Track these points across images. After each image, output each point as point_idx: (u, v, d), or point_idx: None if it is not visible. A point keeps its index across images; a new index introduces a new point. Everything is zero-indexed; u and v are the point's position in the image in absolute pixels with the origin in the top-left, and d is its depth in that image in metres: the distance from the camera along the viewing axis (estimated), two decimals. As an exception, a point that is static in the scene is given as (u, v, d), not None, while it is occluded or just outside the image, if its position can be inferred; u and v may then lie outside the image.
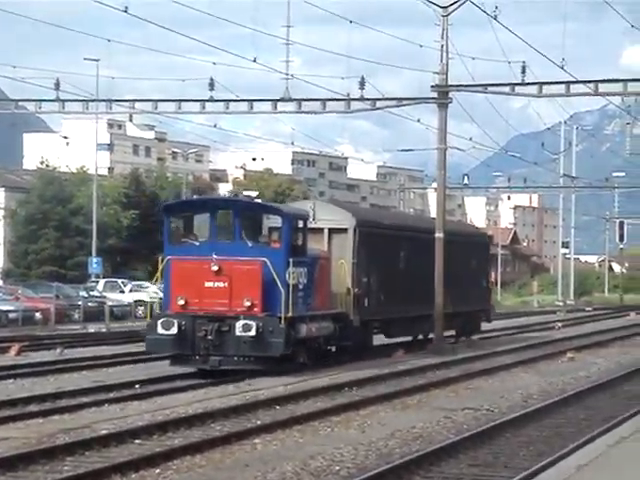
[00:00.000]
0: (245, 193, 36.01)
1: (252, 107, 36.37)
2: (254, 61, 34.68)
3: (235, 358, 24.33)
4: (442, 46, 32.86)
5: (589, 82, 33.96)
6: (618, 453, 11.75)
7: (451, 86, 33.75)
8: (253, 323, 23.82)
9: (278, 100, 35.66)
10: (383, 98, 35.75)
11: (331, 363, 27.50)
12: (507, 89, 34.19)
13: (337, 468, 13.93)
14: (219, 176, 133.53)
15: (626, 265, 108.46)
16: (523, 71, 33.05)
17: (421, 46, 35.69)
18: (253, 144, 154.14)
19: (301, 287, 25.51)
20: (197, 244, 25.58)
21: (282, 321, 24.17)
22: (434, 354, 31.27)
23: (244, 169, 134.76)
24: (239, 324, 23.86)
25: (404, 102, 36.13)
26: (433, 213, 41.22)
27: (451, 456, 14.82)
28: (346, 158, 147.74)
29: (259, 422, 17.72)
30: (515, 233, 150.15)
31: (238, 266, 24.44)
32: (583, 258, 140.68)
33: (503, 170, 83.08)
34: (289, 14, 34.22)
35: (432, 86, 33.75)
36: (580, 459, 11.55)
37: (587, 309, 74.31)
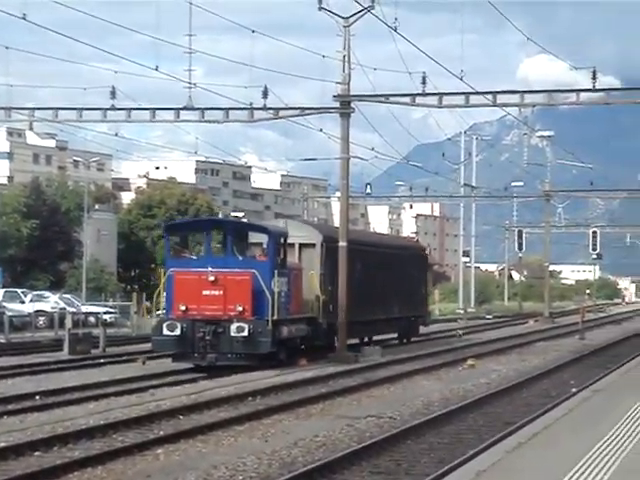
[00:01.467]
0: (232, 214, 40.56)
1: (154, 115, 36.12)
2: (156, 69, 34.43)
3: (229, 355, 28.23)
4: (344, 56, 33.07)
5: (487, 93, 34.51)
6: (516, 459, 11.97)
7: (353, 96, 33.99)
8: (246, 325, 27.90)
9: (181, 109, 35.49)
10: (286, 107, 35.84)
11: (237, 370, 27.98)
12: (408, 99, 34.53)
13: (240, 478, 13.93)
14: (121, 185, 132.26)
15: (525, 273, 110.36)
16: (423, 82, 33.42)
17: (324, 56, 35.85)
18: (156, 153, 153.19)
19: (283, 295, 29.71)
20: (195, 258, 30.43)
21: (269, 324, 28.27)
22: (337, 362, 31.42)
23: (147, 178, 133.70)
24: (234, 326, 27.91)
25: (307, 112, 36.26)
26: (336, 222, 41.39)
27: (353, 464, 14.91)
28: (250, 167, 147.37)
29: (162, 432, 17.61)
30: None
31: (231, 277, 28.57)
32: (483, 267, 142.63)
33: (405, 179, 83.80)
34: (191, 23, 34.10)
35: (334, 96, 33.95)
36: (479, 465, 11.72)
37: (487, 317, 75.38)
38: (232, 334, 28.00)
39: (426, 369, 30.21)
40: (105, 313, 51.41)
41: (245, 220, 36.66)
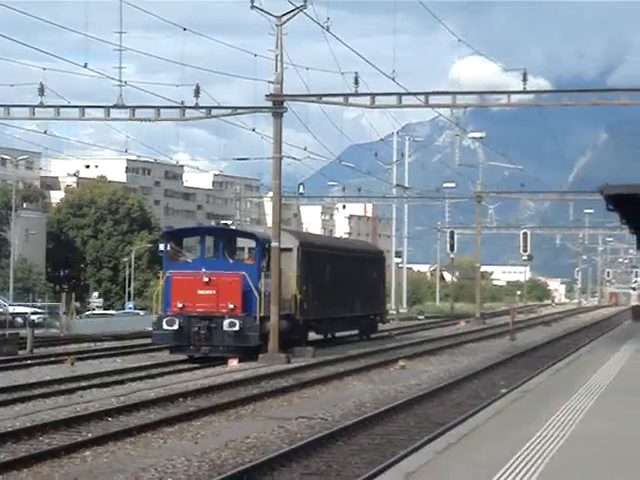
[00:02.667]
0: (222, 222, 45.23)
1: (84, 114, 35.71)
2: (85, 67, 33.99)
3: (221, 348, 31.68)
4: (277, 56, 32.97)
5: (420, 94, 34.64)
6: (445, 459, 11.97)
7: (286, 96, 33.91)
8: (237, 321, 31.46)
9: (111, 107, 35.12)
10: (218, 106, 35.65)
11: (171, 371, 28.50)
12: (341, 99, 34.55)
13: (169, 480, 13.78)
14: (51, 183, 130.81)
15: (457, 274, 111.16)
16: (356, 82, 33.45)
17: (255, 55, 35.73)
18: (87, 151, 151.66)
19: (267, 294, 33.03)
20: (190, 261, 33.61)
21: (257, 319, 32.14)
22: (268, 363, 31.33)
23: (77, 176, 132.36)
24: (226, 322, 31.44)
25: (239, 111, 36.11)
26: (269, 222, 41.35)
27: (284, 465, 14.84)
28: (182, 166, 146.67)
29: (90, 435, 17.38)
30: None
31: (223, 278, 32.01)
32: (416, 267, 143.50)
33: (338, 180, 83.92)
34: (121, 20, 33.75)
35: (267, 95, 33.84)
36: (409, 466, 11.69)
37: (419, 318, 75.79)
38: (224, 329, 31.52)
39: (357, 370, 30.23)
40: (33, 313, 50.72)
41: (234, 227, 40.61)
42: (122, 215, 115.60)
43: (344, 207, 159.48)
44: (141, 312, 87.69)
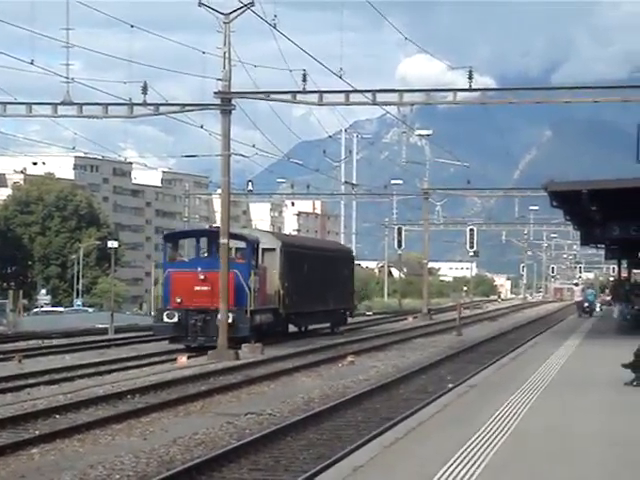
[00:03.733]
0: (214, 225, 47.60)
1: (31, 110, 35.48)
2: (31, 63, 33.76)
3: (215, 338, 33.51)
4: (225, 53, 32.97)
5: (367, 91, 34.82)
6: (392, 454, 12.14)
7: (234, 93, 33.93)
8: (230, 314, 33.85)
9: (58, 104, 34.93)
10: (166, 104, 35.60)
11: (119, 368, 28.40)
12: (289, 97, 34.65)
13: (117, 477, 13.82)
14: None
15: (404, 270, 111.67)
16: (304, 79, 33.57)
17: (204, 52, 35.71)
18: (34, 148, 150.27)
19: (256, 290, 36.50)
20: (187, 260, 37.96)
21: (247, 313, 35.35)
22: (217, 359, 31.38)
23: (24, 173, 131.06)
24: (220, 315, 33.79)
25: (187, 108, 36.10)
26: (218, 219, 41.43)
27: (232, 461, 14.93)
28: (130, 163, 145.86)
29: (37, 432, 17.35)
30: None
31: (217, 276, 34.17)
32: (364, 264, 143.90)
33: (287, 177, 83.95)
34: (68, 16, 33.57)
35: (215, 92, 33.85)
36: (357, 460, 11.84)
37: (368, 313, 76.09)
38: (218, 321, 33.88)
39: (306, 366, 30.37)
40: (-20, 311, 50.31)
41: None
42: (70, 212, 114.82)
43: (293, 204, 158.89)
44: (90, 309, 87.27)
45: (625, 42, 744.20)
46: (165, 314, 35.16)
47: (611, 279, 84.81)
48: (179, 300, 35.31)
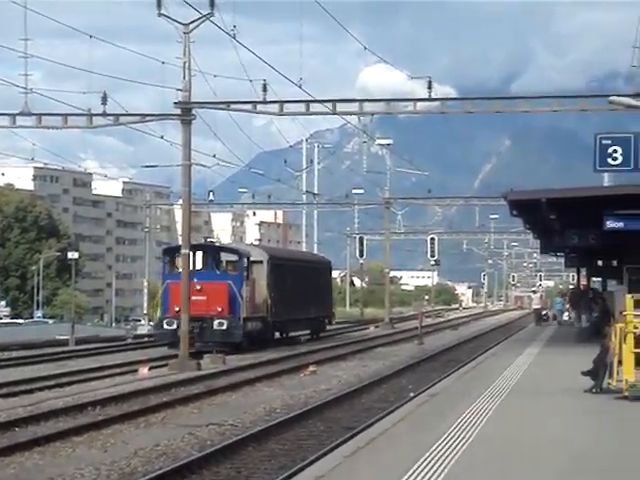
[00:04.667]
0: (209, 240, 50.29)
1: (-11, 121, 35.24)
2: (-10, 74, 33.51)
3: (211, 343, 37.13)
4: (184, 63, 32.91)
5: (327, 101, 34.91)
6: (354, 463, 12.16)
7: (194, 103, 33.88)
8: (225, 321, 37.87)
9: (17, 114, 34.73)
10: (126, 114, 35.49)
11: (80, 380, 28.19)
12: (249, 107, 34.66)
13: (78, 489, 13.73)
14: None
15: (366, 279, 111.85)
16: (264, 89, 33.60)
17: (163, 63, 35.64)
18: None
19: (247, 299, 39.67)
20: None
21: (240, 320, 38.65)
22: (179, 370, 31.27)
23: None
24: (216, 322, 37.81)
25: (147, 118, 36.01)
26: (180, 229, 41.43)
27: (194, 472, 14.89)
28: (90, 174, 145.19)
29: (-4, 446, 17.19)
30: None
31: (212, 286, 38.17)
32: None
33: (248, 187, 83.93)
34: (26, 27, 33.38)
35: (175, 103, 33.79)
36: (318, 470, 11.85)
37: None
38: (214, 328, 37.81)
39: (268, 376, 30.31)
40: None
41: (218, 244, 48.00)
42: (30, 223, 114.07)
43: (254, 214, 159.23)
44: (50, 321, 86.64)
45: (581, 52, 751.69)
46: (165, 322, 38.03)
47: (571, 287, 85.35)
48: (177, 309, 36.44)
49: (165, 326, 37.92)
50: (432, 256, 78.93)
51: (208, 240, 50.78)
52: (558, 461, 12.08)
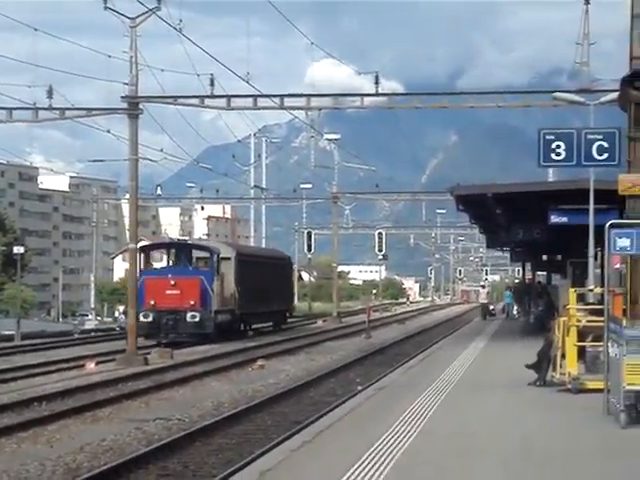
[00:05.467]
0: (180, 238, 54.90)
1: None
2: None
3: (184, 335, 40.52)
4: (131, 57, 32.77)
5: (275, 96, 34.96)
6: (300, 457, 12.23)
7: (141, 97, 33.76)
8: (197, 314, 40.41)
9: (-39, 108, 34.39)
10: (72, 108, 35.29)
11: (26, 375, 27.87)
12: (197, 101, 34.63)
13: (23, 485, 13.68)
14: None
15: (314, 274, 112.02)
16: (212, 84, 33.57)
17: (109, 56, 35.44)
18: None
19: (218, 293, 42.22)
20: (159, 268, 43.93)
21: (212, 313, 41.29)
22: (126, 365, 31.16)
23: None
24: (189, 314, 40.37)
25: (94, 112, 35.82)
26: (127, 224, 41.32)
27: (141, 467, 14.89)
28: (36, 168, 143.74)
29: (-59, 442, 17.06)
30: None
31: (185, 281, 40.85)
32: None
33: (196, 181, 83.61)
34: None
35: (122, 97, 33.64)
36: (265, 464, 11.90)
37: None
38: (187, 320, 40.34)
39: (216, 370, 30.33)
40: None
41: (190, 242, 51.71)
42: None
43: (202, 208, 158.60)
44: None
45: (526, 49, 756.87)
46: (141, 314, 39.28)
47: (516, 281, 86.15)
48: (152, 302, 40.21)
49: (141, 318, 39.31)
50: (380, 251, 79.27)
51: (181, 238, 55.62)
52: (502, 453, 12.23)
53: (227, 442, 17.41)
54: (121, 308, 54.45)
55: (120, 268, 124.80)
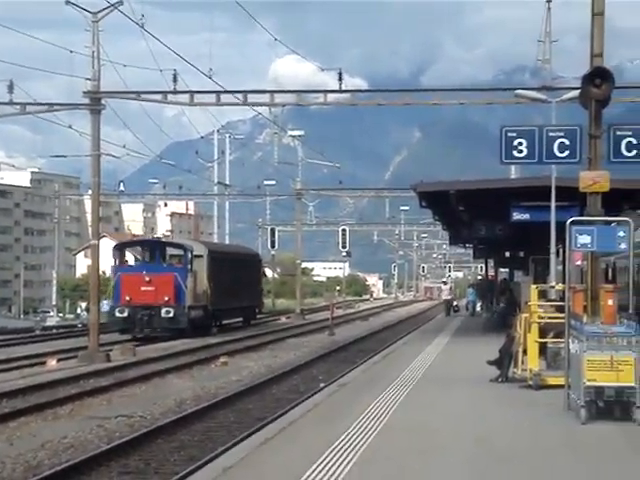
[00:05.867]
0: (155, 236, 56.39)
1: None
2: None
3: (159, 329, 41.66)
4: (93, 52, 32.56)
5: (238, 92, 34.85)
6: (262, 454, 12.21)
7: (103, 92, 33.54)
8: (171, 309, 41.59)
9: None
10: (33, 103, 34.99)
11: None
12: (159, 97, 34.44)
13: (-17, 484, 13.57)
14: None
15: (278, 270, 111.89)
16: (175, 80, 33.44)
17: (71, 52, 35.19)
18: None
19: (191, 289, 43.29)
20: (134, 265, 45.22)
21: (185, 308, 42.32)
22: (88, 362, 30.99)
23: None
24: (163, 310, 41.47)
25: (56, 107, 35.55)
26: (90, 220, 41.05)
27: (102, 465, 14.82)
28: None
29: None
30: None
31: (160, 277, 41.96)
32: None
33: (159, 177, 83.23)
34: None
35: (84, 92, 33.42)
36: (227, 461, 11.88)
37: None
38: (162, 315, 41.47)
39: (179, 367, 30.24)
40: None
41: (164, 239, 54.26)
42: None
43: (166, 205, 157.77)
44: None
45: (490, 45, 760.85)
46: (117, 310, 41.46)
47: (479, 278, 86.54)
48: (128, 298, 41.55)
49: (117, 314, 41.42)
50: (343, 247, 79.26)
51: (155, 236, 56.47)
52: (463, 449, 12.28)
53: (189, 439, 17.36)
54: (83, 305, 54.23)
55: (82, 264, 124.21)
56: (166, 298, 41.87)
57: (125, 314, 41.43)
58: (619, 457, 11.92)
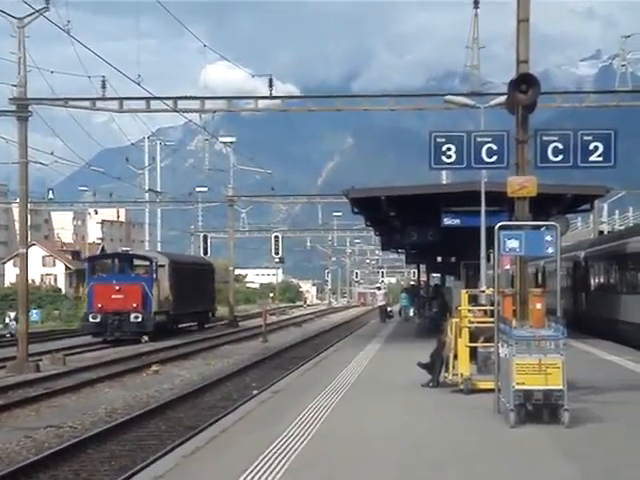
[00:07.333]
0: (125, 249, 61.41)
1: None
2: None
3: (128, 333, 45.85)
4: (19, 58, 32.16)
5: (168, 99, 34.70)
6: (193, 462, 12.12)
7: (30, 99, 33.16)
8: (139, 315, 46.07)
9: None
10: (-41, 110, 34.47)
11: None
12: (88, 104, 34.17)
13: None
14: None
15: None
16: (103, 86, 33.18)
17: (-3, 58, 34.70)
18: None
19: (156, 296, 47.70)
20: (105, 275, 48.36)
21: (152, 314, 46.74)
22: (17, 372, 30.58)
23: None
24: (132, 315, 45.99)
25: (-19, 114, 35.03)
26: (18, 228, 40.47)
27: (31, 476, 14.63)
28: None
29: None
30: (103, 248, 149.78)
31: (128, 287, 46.55)
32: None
33: (89, 185, 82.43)
34: None
35: (10, 99, 33.01)
36: (158, 470, 11.79)
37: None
38: (131, 320, 45.96)
39: (110, 376, 29.96)
40: None
41: (132, 252, 59.68)
42: None
43: (96, 212, 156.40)
44: None
45: (420, 51, 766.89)
46: (90, 316, 46.24)
47: (412, 283, 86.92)
48: (100, 305, 46.05)
49: (90, 319, 46.25)
50: (277, 254, 79.19)
51: (123, 249, 62.12)
52: (395, 455, 12.30)
53: (120, 449, 17.19)
54: (12, 314, 53.48)
55: (11, 273, 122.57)
56: (134, 305, 46.34)
57: (98, 319, 46.03)
58: (547, 459, 12.01)
